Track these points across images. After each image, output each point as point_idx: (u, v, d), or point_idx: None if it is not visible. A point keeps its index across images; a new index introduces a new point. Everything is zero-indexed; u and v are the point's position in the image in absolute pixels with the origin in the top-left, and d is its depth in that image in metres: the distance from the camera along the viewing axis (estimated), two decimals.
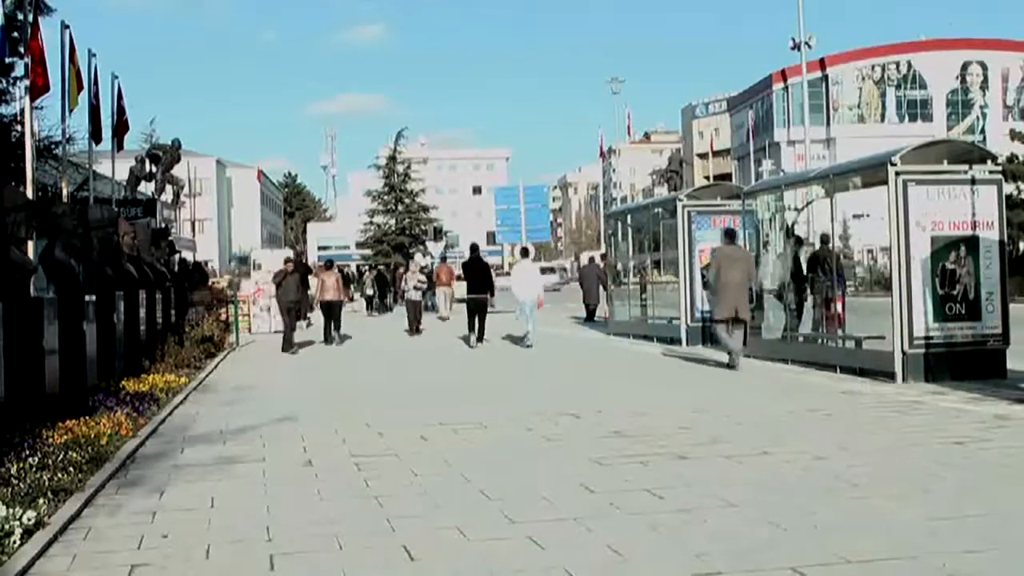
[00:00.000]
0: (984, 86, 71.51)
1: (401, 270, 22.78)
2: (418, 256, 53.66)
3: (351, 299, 31.11)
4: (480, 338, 17.98)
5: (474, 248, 19.80)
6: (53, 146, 16.47)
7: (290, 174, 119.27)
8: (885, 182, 11.49)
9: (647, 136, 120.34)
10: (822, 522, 5.38)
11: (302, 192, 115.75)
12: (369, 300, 32.57)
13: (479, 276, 18.46)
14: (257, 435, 8.70)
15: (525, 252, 20.15)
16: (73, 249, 10.58)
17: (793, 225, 14.73)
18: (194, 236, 47.41)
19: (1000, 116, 69.77)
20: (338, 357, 17.50)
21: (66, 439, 7.48)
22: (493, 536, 5.30)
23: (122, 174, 25.24)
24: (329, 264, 21.85)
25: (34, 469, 6.35)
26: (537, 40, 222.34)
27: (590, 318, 24.76)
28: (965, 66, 71.36)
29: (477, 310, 17.98)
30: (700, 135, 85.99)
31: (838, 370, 12.29)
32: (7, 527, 5.15)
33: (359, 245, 64.81)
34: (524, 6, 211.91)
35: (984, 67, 71.45)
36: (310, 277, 24.05)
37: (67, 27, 13.95)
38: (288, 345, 17.97)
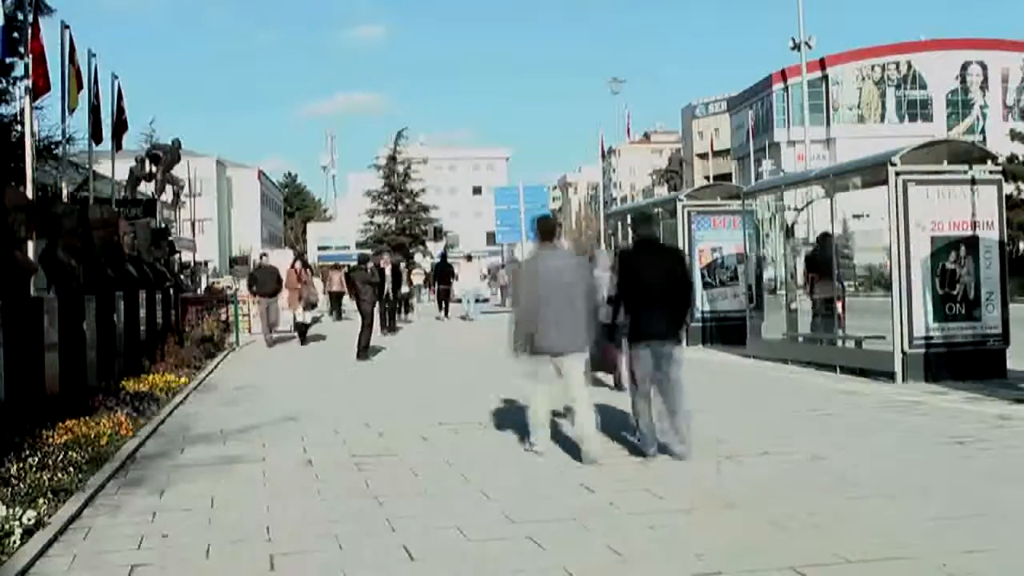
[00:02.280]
0: (984, 86, 71.41)
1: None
2: (418, 256, 53.60)
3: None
4: (446, 314, 27.18)
5: (443, 255, 31.32)
6: (53, 146, 16.44)
7: (290, 174, 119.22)
8: (885, 182, 11.50)
9: (647, 136, 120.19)
10: (822, 522, 5.38)
11: (302, 192, 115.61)
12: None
13: (446, 274, 28.07)
14: (257, 435, 8.70)
15: (468, 257, 30.07)
16: (73, 249, 10.57)
17: (793, 225, 14.74)
18: (194, 236, 47.28)
19: (1000, 116, 69.65)
20: (338, 356, 17.48)
21: (66, 439, 7.47)
22: (493, 536, 5.31)
23: (122, 174, 25.20)
24: (336, 265, 30.14)
25: (34, 469, 6.35)
26: (537, 40, 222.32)
27: None
28: (965, 66, 71.27)
29: (444, 296, 27.87)
30: (700, 135, 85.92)
31: (838, 370, 12.29)
32: (7, 527, 5.15)
33: (359, 245, 64.79)
34: (524, 6, 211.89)
35: (984, 67, 71.34)
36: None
37: (67, 27, 13.94)
38: (366, 353, 16.31)
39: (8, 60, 14.71)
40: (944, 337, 11.41)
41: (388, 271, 21.86)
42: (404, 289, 26.67)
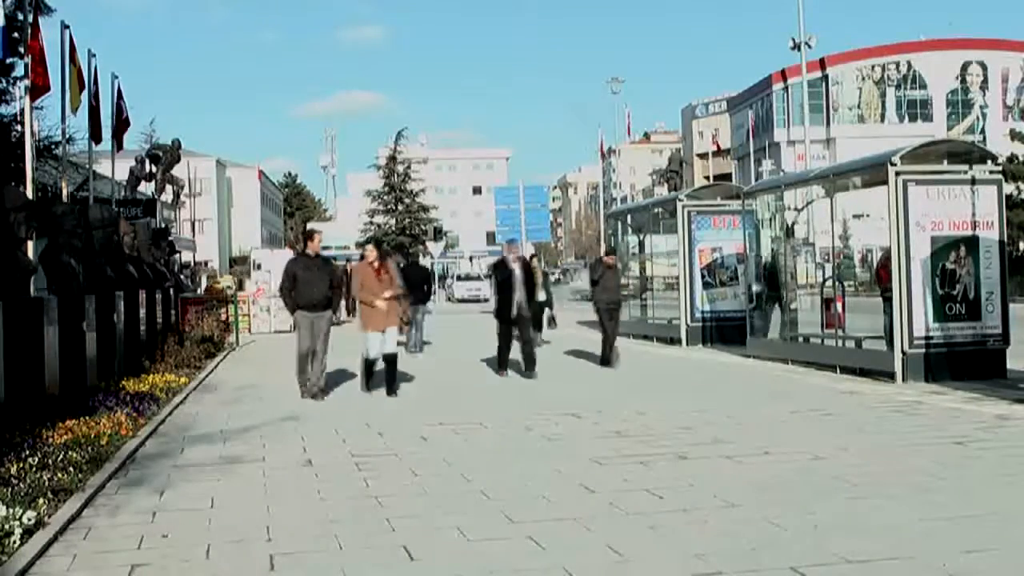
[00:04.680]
0: (984, 86, 71.46)
1: None
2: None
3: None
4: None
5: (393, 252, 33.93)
6: (53, 146, 16.48)
7: (290, 174, 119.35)
8: (885, 182, 11.50)
9: (647, 136, 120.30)
10: (822, 522, 5.38)
11: (302, 192, 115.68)
12: None
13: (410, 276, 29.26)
14: (257, 435, 8.70)
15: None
16: (73, 249, 10.57)
17: (793, 225, 14.75)
18: (194, 236, 47.39)
19: (1000, 116, 69.72)
20: (337, 356, 17.46)
21: (66, 439, 7.48)
22: (493, 536, 5.30)
23: (122, 174, 25.22)
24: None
25: (34, 469, 6.35)
26: (537, 40, 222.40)
27: None
28: (965, 66, 71.32)
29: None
30: (700, 135, 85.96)
31: (838, 370, 12.29)
32: (7, 527, 5.15)
33: (359, 245, 64.85)
34: (524, 6, 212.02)
35: (984, 67, 71.40)
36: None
37: (67, 27, 13.95)
38: (610, 356, 13.97)
39: (8, 60, 14.74)
40: (944, 337, 11.42)
41: (518, 270, 13.18)
42: (540, 296, 16.86)
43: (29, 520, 5.31)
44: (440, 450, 7.85)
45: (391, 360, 11.30)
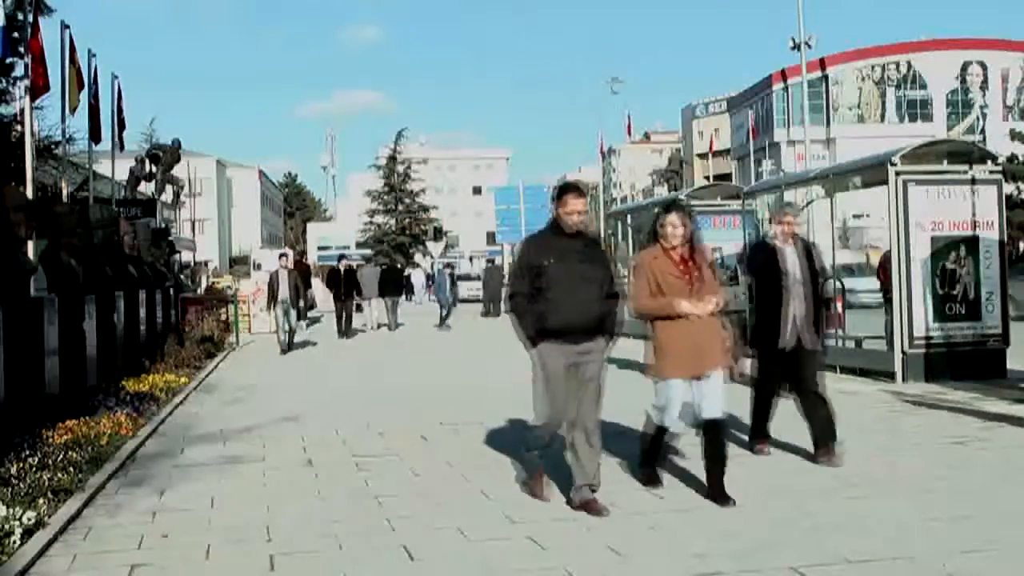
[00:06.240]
0: (984, 86, 71.39)
1: None
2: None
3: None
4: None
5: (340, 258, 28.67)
6: (53, 146, 16.46)
7: (290, 174, 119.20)
8: (885, 182, 11.50)
9: (647, 136, 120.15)
10: (822, 522, 5.38)
11: (302, 192, 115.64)
12: None
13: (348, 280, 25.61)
14: (257, 435, 8.70)
15: (368, 259, 32.76)
16: (73, 249, 10.57)
17: None
18: (194, 236, 47.29)
19: (1000, 116, 69.62)
20: (337, 355, 17.49)
21: (66, 439, 7.47)
22: (493, 536, 5.30)
23: (122, 174, 25.18)
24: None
25: (34, 469, 6.34)
26: (537, 41, 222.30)
27: (491, 314, 27.75)
28: (965, 66, 71.26)
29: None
30: (700, 135, 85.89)
31: (838, 370, 12.27)
32: (7, 527, 5.15)
33: (359, 245, 64.91)
34: (524, 6, 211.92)
35: (984, 67, 71.33)
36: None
37: (67, 27, 13.96)
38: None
39: (8, 60, 14.73)
40: (944, 337, 11.41)
41: (794, 259, 7.50)
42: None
43: (29, 520, 5.31)
44: (440, 450, 7.86)
45: (714, 429, 5.95)
